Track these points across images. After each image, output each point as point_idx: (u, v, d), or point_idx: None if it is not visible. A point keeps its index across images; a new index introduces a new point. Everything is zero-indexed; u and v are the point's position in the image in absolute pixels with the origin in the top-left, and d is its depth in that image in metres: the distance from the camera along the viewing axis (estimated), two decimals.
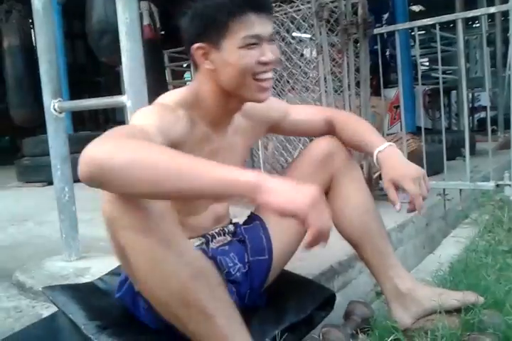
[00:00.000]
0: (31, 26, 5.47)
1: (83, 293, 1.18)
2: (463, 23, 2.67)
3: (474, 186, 2.40)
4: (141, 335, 1.02)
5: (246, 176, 0.73)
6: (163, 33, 5.28)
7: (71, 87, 5.64)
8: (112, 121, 10.94)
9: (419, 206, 1.04)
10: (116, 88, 6.07)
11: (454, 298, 1.10)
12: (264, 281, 1.14)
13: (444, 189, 2.58)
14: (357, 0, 2.42)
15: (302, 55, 2.64)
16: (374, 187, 2.53)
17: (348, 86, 2.47)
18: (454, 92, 6.40)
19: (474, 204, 2.47)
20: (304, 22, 2.42)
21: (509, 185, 2.27)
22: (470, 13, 2.51)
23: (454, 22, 2.95)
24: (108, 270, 1.34)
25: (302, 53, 2.63)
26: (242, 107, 1.09)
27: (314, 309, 1.19)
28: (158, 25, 5.21)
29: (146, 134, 0.85)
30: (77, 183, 1.86)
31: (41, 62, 1.73)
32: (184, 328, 0.87)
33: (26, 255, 1.99)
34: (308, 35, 2.50)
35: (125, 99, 1.49)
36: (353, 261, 1.68)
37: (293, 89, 2.68)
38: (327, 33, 2.41)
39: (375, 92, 3.48)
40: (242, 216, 1.29)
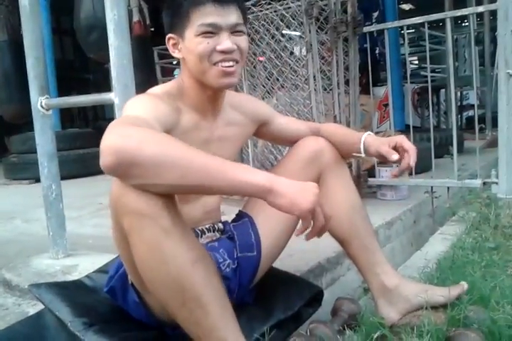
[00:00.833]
0: (20, 21, 5.41)
1: (70, 291, 1.18)
2: (452, 22, 2.68)
3: (462, 184, 2.42)
4: (128, 332, 1.02)
5: (260, 178, 0.79)
6: (153, 30, 5.25)
7: (59, 84, 5.59)
8: (102, 119, 10.88)
9: (413, 159, 1.10)
10: (105, 85, 6.04)
11: (440, 294, 1.11)
12: (252, 277, 1.15)
13: (432, 186, 2.60)
14: None
15: (292, 53, 2.64)
16: (362, 185, 2.54)
17: (338, 84, 2.47)
18: (443, 91, 6.44)
19: (461, 201, 2.49)
20: (294, 20, 2.42)
21: (496, 183, 2.29)
22: (459, 12, 2.52)
23: (443, 21, 2.97)
24: (95, 268, 1.33)
25: (292, 51, 2.63)
26: (228, 98, 1.14)
27: (302, 306, 1.20)
28: (148, 21, 5.18)
29: (152, 126, 0.87)
30: (64, 181, 1.86)
31: (28, 58, 1.71)
32: (176, 315, 0.87)
33: (13, 252, 1.98)
34: (297, 33, 2.50)
35: (113, 96, 1.48)
36: (341, 258, 1.69)
37: (282, 87, 2.68)
38: (316, 31, 2.41)
39: (365, 90, 3.51)
40: (231, 213, 1.29)
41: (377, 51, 5.41)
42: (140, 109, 0.93)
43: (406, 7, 11.38)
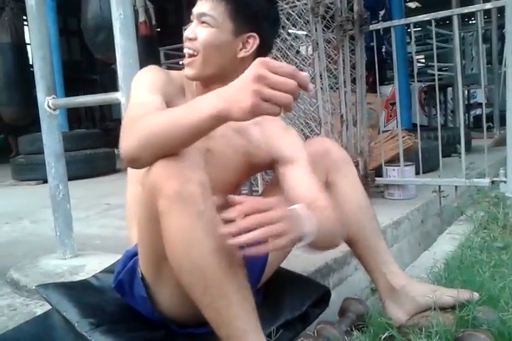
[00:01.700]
0: (24, 24, 5.44)
1: (77, 291, 1.18)
2: (459, 20, 2.66)
3: (470, 183, 2.40)
4: (135, 332, 1.02)
5: (207, 109, 0.77)
6: (158, 30, 5.26)
7: (66, 85, 5.61)
8: (109, 120, 10.92)
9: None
10: (112, 86, 6.05)
11: (449, 295, 1.10)
12: (259, 278, 1.14)
13: (440, 186, 2.59)
14: None
15: (298, 52, 2.63)
16: (369, 184, 2.53)
17: (344, 83, 2.46)
18: (450, 89, 6.41)
19: (469, 200, 2.47)
20: (300, 18, 2.41)
21: (504, 182, 2.27)
22: (466, 9, 2.50)
23: (450, 18, 2.95)
24: (102, 268, 1.33)
25: (298, 50, 2.62)
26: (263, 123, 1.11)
27: (309, 306, 1.19)
28: (153, 22, 5.19)
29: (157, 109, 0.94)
30: (71, 181, 1.87)
31: (35, 59, 1.71)
32: (199, 302, 0.86)
33: (21, 253, 1.98)
34: (303, 31, 2.49)
35: (119, 96, 1.48)
36: (349, 258, 1.68)
37: None
38: (323, 30, 2.40)
39: (371, 89, 3.49)
40: None
41: (383, 50, 5.38)
42: (145, 85, 1.02)
43: (412, 5, 11.34)
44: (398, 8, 5.41)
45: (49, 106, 1.71)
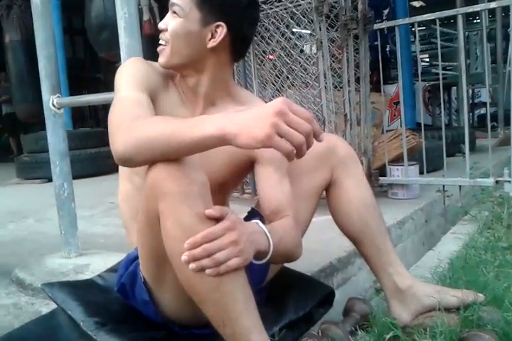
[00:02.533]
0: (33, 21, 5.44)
1: (82, 290, 1.18)
2: (463, 19, 2.66)
3: (474, 182, 2.39)
4: (139, 332, 1.02)
5: (210, 129, 0.77)
6: None
7: (70, 84, 5.62)
8: None
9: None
10: None
11: (453, 295, 1.10)
12: (263, 278, 1.14)
13: (444, 185, 2.58)
14: None
15: (302, 51, 2.63)
16: (373, 183, 2.53)
17: (348, 82, 2.46)
18: (454, 88, 6.38)
19: (474, 200, 2.47)
20: (304, 17, 2.40)
21: (509, 182, 2.27)
22: (470, 8, 2.50)
23: (455, 17, 2.93)
24: (107, 267, 1.34)
25: (302, 49, 2.62)
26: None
27: (313, 306, 1.19)
28: (158, 20, 5.19)
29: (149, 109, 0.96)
30: (75, 180, 1.87)
31: (39, 57, 1.72)
32: (206, 299, 0.86)
33: (26, 252, 1.99)
34: (307, 30, 2.49)
35: None
36: (353, 258, 1.68)
37: (292, 85, 2.67)
38: (327, 29, 2.39)
39: (375, 88, 3.48)
40: (242, 213, 1.29)
41: (387, 49, 5.38)
42: (129, 79, 1.04)
43: (417, 4, 11.28)
44: (402, 7, 5.39)
45: (54, 104, 1.71)
